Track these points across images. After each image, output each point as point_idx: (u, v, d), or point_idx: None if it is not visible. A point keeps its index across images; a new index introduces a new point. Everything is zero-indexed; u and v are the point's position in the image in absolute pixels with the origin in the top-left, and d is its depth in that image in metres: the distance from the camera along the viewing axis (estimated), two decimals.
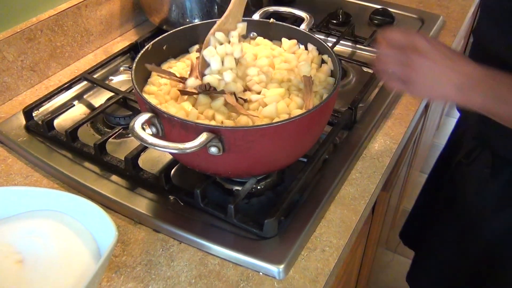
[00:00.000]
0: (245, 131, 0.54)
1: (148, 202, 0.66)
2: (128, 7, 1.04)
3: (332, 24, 1.06)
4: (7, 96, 0.85)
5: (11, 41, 0.82)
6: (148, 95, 0.65)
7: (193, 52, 0.73)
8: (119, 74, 0.93)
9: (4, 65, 0.82)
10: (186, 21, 0.95)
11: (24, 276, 0.53)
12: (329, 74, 0.69)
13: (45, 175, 0.72)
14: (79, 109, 0.84)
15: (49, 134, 0.75)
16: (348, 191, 0.69)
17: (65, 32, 0.91)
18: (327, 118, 0.64)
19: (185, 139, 0.52)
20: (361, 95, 0.81)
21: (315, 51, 0.71)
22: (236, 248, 0.60)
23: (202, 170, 0.62)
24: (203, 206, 0.64)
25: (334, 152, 0.73)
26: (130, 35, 1.05)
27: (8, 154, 0.75)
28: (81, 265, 0.54)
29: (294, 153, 0.62)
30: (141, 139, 0.51)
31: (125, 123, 0.79)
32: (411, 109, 0.85)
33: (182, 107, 0.61)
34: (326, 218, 0.65)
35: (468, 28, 1.71)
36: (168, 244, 0.62)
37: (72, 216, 0.59)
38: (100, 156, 0.71)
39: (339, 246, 0.61)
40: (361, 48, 1.00)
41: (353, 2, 1.17)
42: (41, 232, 0.57)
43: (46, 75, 0.91)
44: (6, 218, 0.58)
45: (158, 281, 0.58)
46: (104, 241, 0.56)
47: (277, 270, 0.57)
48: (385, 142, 0.78)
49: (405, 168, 1.16)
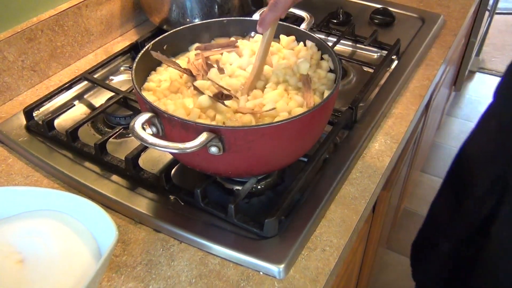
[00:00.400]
0: (245, 131, 0.54)
1: (149, 202, 0.66)
2: (129, 7, 1.04)
3: (333, 24, 1.06)
4: (7, 96, 0.85)
5: (11, 41, 0.82)
6: (147, 92, 0.65)
7: (192, 50, 0.73)
8: (119, 74, 0.93)
9: (4, 65, 0.82)
10: (187, 21, 0.95)
11: (25, 276, 0.53)
12: (328, 70, 0.69)
13: (46, 175, 0.72)
14: (80, 109, 0.84)
15: (50, 134, 0.75)
16: (349, 191, 0.69)
17: (66, 32, 0.91)
18: (327, 118, 0.64)
19: (186, 139, 0.52)
20: (361, 94, 0.81)
21: (314, 48, 0.71)
22: (237, 247, 0.60)
23: (202, 170, 0.62)
24: (203, 206, 0.64)
25: (335, 151, 0.73)
26: (130, 35, 1.05)
27: (9, 154, 0.75)
28: (81, 265, 0.54)
29: (295, 152, 0.62)
30: (142, 139, 0.51)
31: (126, 123, 0.79)
32: (412, 108, 0.85)
33: (183, 104, 0.61)
34: (327, 218, 0.65)
35: (468, 27, 1.71)
36: (169, 243, 0.62)
37: (73, 216, 0.59)
38: (100, 156, 0.71)
39: (339, 246, 0.61)
40: (362, 47, 1.00)
41: (353, 1, 1.17)
42: (42, 232, 0.57)
43: (47, 75, 0.91)
44: (6, 218, 0.58)
45: (159, 281, 0.58)
46: (105, 241, 0.56)
47: (278, 270, 0.57)
48: (386, 141, 0.78)
49: (405, 167, 1.16)
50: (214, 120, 0.59)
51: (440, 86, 1.32)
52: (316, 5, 1.16)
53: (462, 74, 2.10)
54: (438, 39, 1.04)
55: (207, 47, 0.71)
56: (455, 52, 1.44)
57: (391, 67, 0.94)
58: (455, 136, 2.14)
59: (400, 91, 0.88)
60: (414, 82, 0.91)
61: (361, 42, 1.00)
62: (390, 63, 0.95)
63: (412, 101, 0.87)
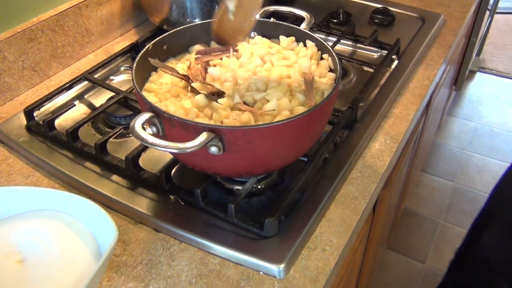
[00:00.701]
0: (244, 130, 0.54)
1: (149, 201, 0.66)
2: (129, 7, 1.04)
3: (333, 23, 1.06)
4: (8, 96, 0.85)
5: (12, 41, 0.82)
6: (148, 93, 0.65)
7: (193, 52, 0.73)
8: (119, 74, 0.93)
9: (5, 65, 0.82)
10: (187, 21, 0.95)
11: (25, 276, 0.53)
12: (328, 69, 0.69)
13: (46, 175, 0.72)
14: (80, 109, 0.84)
15: (50, 134, 0.75)
16: (349, 190, 0.69)
17: (66, 32, 0.91)
18: (327, 117, 0.64)
19: (186, 138, 0.52)
20: (361, 94, 0.81)
21: (314, 48, 0.71)
22: (237, 247, 0.60)
23: (202, 169, 0.62)
24: (203, 206, 0.64)
25: (335, 151, 0.73)
26: (130, 35, 1.05)
27: (9, 154, 0.75)
28: (81, 265, 0.54)
29: (295, 152, 0.62)
30: (142, 139, 0.51)
31: (126, 123, 0.79)
32: (412, 108, 0.85)
33: (182, 105, 0.61)
34: (327, 218, 0.65)
35: (469, 27, 1.71)
36: (169, 243, 0.62)
37: (73, 215, 0.59)
38: (100, 156, 0.71)
39: (339, 246, 0.61)
40: (362, 47, 1.00)
41: (353, 1, 1.17)
42: (42, 231, 0.57)
43: (47, 75, 0.91)
44: (7, 218, 0.58)
45: (159, 281, 0.58)
46: (105, 240, 0.56)
47: (278, 270, 0.58)
48: (386, 141, 0.78)
49: (406, 167, 1.16)
50: (212, 118, 0.60)
51: (440, 86, 1.32)
52: (316, 4, 1.16)
53: (463, 74, 2.10)
54: (438, 39, 1.04)
55: (207, 51, 0.71)
56: (455, 51, 1.44)
57: (391, 66, 0.94)
58: (456, 136, 2.14)
59: (400, 91, 0.88)
60: (414, 82, 0.91)
61: (361, 42, 1.00)
62: (390, 63, 0.95)
63: (412, 101, 0.87)
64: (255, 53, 0.71)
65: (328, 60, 0.70)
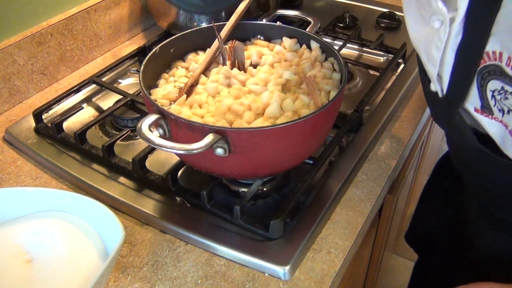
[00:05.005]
0: (250, 132, 0.55)
1: (155, 203, 0.66)
2: (137, 12, 1.05)
3: (339, 28, 1.07)
4: (17, 99, 0.86)
5: (21, 45, 0.83)
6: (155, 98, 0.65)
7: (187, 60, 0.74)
8: (127, 77, 0.94)
9: (15, 69, 0.83)
10: (194, 24, 0.96)
11: (33, 276, 0.53)
12: (332, 69, 0.69)
13: (54, 176, 0.72)
14: (88, 112, 0.85)
15: (58, 136, 0.76)
16: (354, 193, 0.69)
17: (75, 36, 0.92)
18: (333, 120, 0.64)
19: (192, 140, 0.52)
20: (367, 97, 0.81)
21: (318, 50, 0.71)
22: (242, 249, 0.60)
23: (208, 171, 0.62)
24: (209, 208, 0.64)
25: (340, 154, 0.74)
26: (138, 39, 1.06)
27: (18, 156, 0.76)
28: (88, 265, 0.55)
29: (300, 154, 0.62)
30: (148, 140, 0.52)
31: (133, 125, 0.80)
32: (419, 111, 0.85)
33: (188, 108, 0.62)
34: (332, 220, 0.65)
35: None
36: (175, 244, 0.62)
37: (80, 216, 0.59)
38: (108, 158, 0.72)
39: (345, 248, 0.61)
40: (368, 51, 1.01)
41: (360, 5, 1.17)
42: (50, 232, 0.57)
43: (56, 78, 0.92)
44: (15, 219, 0.59)
45: (165, 282, 0.58)
46: (112, 241, 0.56)
47: (283, 271, 0.58)
48: (392, 144, 0.78)
49: (412, 171, 1.15)
50: (230, 87, 0.63)
51: None
52: (323, 9, 1.17)
53: None
54: None
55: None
56: None
57: (398, 70, 0.94)
58: None
59: (406, 95, 0.88)
60: (421, 86, 0.91)
61: (367, 46, 1.00)
62: (396, 67, 0.95)
63: (418, 105, 0.87)
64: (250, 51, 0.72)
65: (334, 64, 0.70)
